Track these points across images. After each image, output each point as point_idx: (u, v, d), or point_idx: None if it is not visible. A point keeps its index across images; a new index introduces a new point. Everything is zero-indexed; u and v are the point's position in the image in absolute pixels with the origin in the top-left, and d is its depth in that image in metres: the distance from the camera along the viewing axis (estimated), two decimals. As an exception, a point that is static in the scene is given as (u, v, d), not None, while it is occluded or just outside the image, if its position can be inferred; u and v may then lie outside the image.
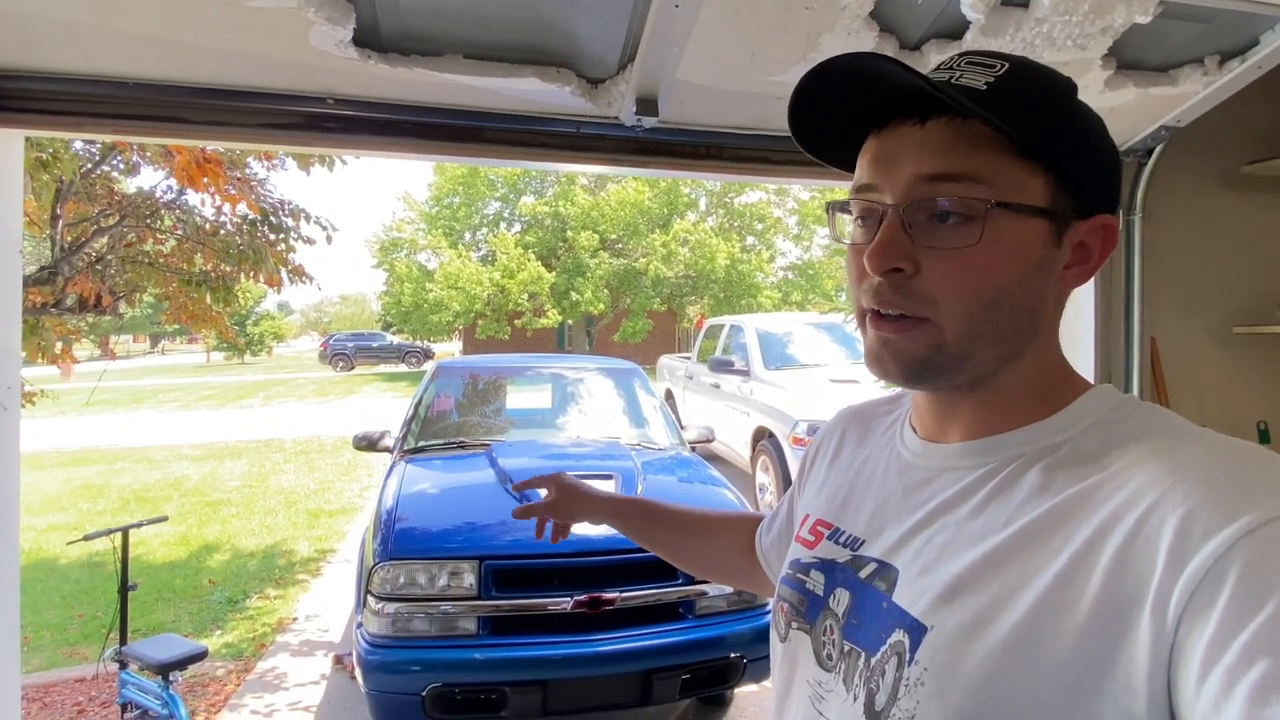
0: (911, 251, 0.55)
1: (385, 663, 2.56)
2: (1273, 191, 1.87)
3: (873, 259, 0.55)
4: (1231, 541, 0.42)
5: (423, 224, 24.66)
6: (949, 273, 0.54)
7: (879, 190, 0.57)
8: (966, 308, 0.54)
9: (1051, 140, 0.55)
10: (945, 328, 0.55)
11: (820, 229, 24.01)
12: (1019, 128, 0.52)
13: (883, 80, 0.54)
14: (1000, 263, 0.54)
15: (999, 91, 0.54)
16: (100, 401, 16.86)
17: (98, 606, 4.66)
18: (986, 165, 0.53)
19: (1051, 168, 0.55)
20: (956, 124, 0.54)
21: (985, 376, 0.58)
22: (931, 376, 0.58)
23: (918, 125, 0.56)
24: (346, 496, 7.61)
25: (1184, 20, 1.29)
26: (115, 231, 3.89)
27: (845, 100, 0.58)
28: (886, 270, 0.55)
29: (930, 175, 0.54)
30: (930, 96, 0.53)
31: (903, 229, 0.55)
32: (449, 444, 3.88)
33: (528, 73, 1.31)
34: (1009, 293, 0.55)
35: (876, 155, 0.58)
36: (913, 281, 0.55)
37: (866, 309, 0.58)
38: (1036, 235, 0.55)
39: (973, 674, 0.49)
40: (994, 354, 0.56)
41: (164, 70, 1.27)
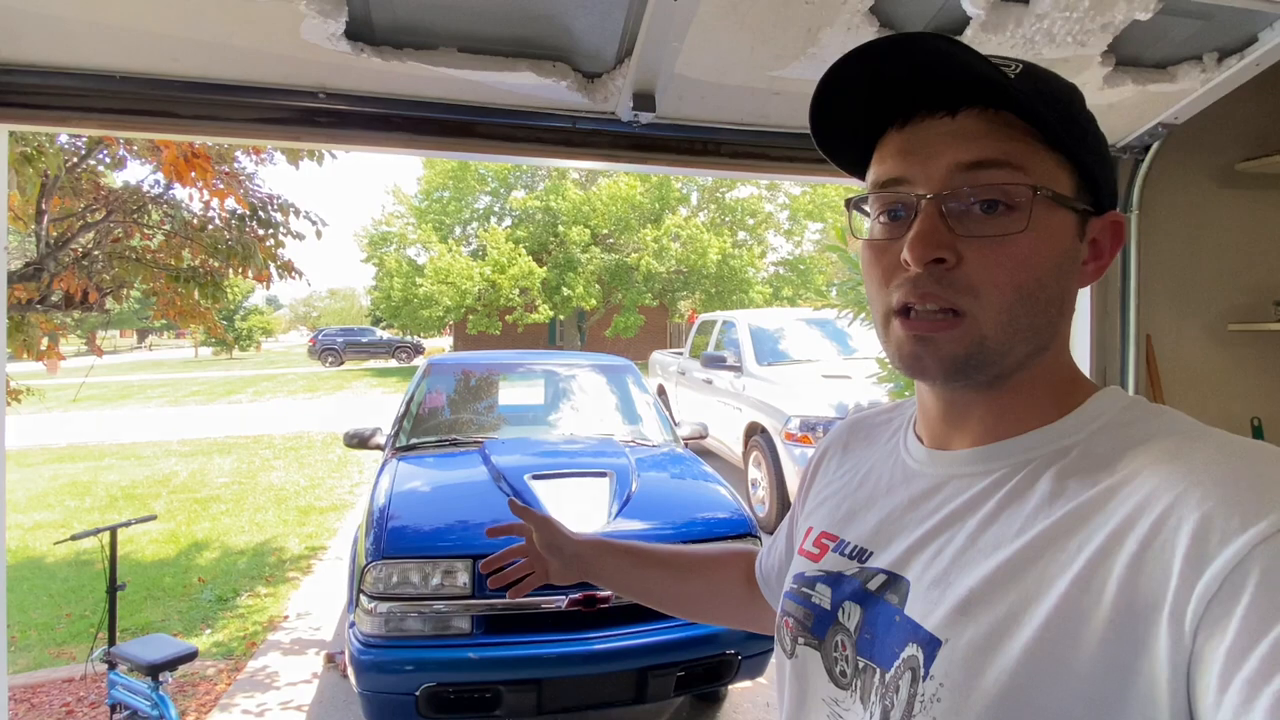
0: (952, 241, 0.54)
1: (378, 662, 2.55)
2: (1268, 188, 1.87)
3: (915, 249, 0.53)
4: (1249, 547, 0.41)
5: (412, 218, 24.53)
6: (994, 262, 0.53)
7: (910, 182, 0.56)
8: (1007, 298, 0.53)
9: (1078, 136, 0.55)
10: (984, 321, 0.54)
11: (812, 224, 24.07)
12: (1053, 119, 0.52)
13: (952, 65, 0.52)
14: (1042, 252, 0.54)
15: (1024, 87, 0.53)
16: (87, 398, 16.71)
17: (86, 606, 4.61)
18: (1023, 153, 0.53)
19: (1077, 163, 0.55)
20: (990, 114, 0.54)
21: (1011, 372, 0.57)
22: (971, 373, 0.56)
23: (948, 117, 0.55)
24: (337, 493, 7.57)
25: (1184, 17, 1.29)
26: (102, 227, 3.85)
27: (879, 87, 0.56)
28: (929, 261, 0.53)
29: (971, 163, 0.53)
30: (962, 87, 0.53)
31: (941, 218, 0.54)
32: (441, 441, 3.86)
33: (523, 66, 1.29)
34: (1045, 284, 0.54)
35: (904, 148, 0.57)
36: (954, 273, 0.54)
37: (897, 306, 0.56)
38: (1069, 227, 0.55)
39: (990, 689, 0.48)
40: (1027, 348, 0.56)
41: (152, 64, 1.25)
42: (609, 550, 1.01)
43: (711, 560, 1.00)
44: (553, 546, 0.99)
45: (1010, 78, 0.53)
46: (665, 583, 1.00)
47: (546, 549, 1.00)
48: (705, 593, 0.99)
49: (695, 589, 0.99)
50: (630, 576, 1.00)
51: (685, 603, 1.01)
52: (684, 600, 1.01)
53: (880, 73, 0.55)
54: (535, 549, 1.01)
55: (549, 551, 1.00)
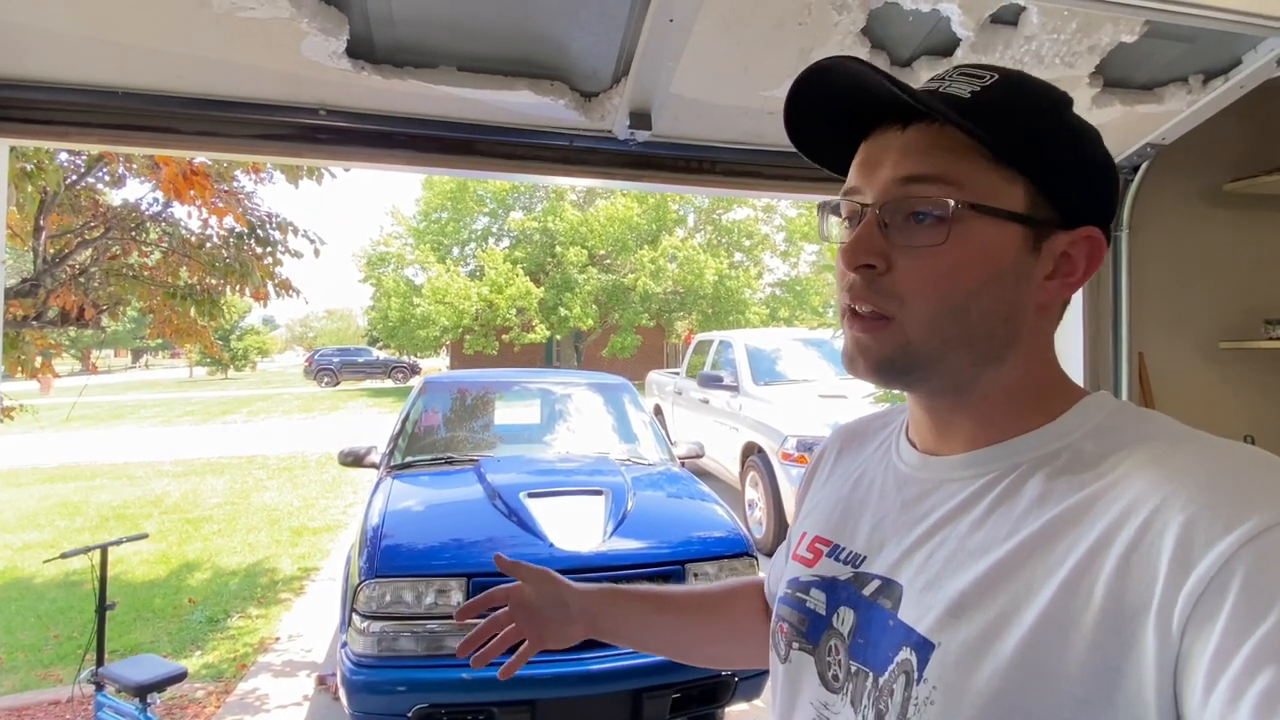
0: (885, 249, 0.56)
1: (371, 683, 2.51)
2: (1255, 209, 1.90)
3: (845, 254, 0.57)
4: (1233, 550, 0.42)
5: (410, 239, 24.62)
6: (917, 271, 0.55)
7: (861, 192, 0.59)
8: (931, 308, 0.55)
9: (1032, 149, 0.55)
10: (909, 327, 0.56)
11: (808, 245, 24.22)
12: (995, 135, 0.53)
13: (859, 84, 0.56)
14: (968, 265, 0.55)
15: (982, 101, 0.55)
16: (80, 417, 16.61)
17: (74, 626, 4.55)
18: (960, 169, 0.55)
19: (1032, 176, 0.55)
20: (935, 129, 0.56)
21: (965, 383, 0.58)
22: (900, 376, 0.59)
23: (899, 130, 0.57)
24: (331, 513, 7.51)
25: (1169, 40, 1.32)
26: (99, 244, 3.85)
27: (836, 107, 0.60)
28: (859, 266, 0.57)
29: (905, 177, 0.56)
30: (910, 104, 0.55)
31: (878, 227, 0.57)
32: (436, 459, 3.84)
33: (521, 85, 1.31)
34: (977, 296, 0.55)
35: (862, 159, 0.60)
36: (884, 279, 0.56)
37: (845, 307, 0.60)
38: (1009, 241, 0.55)
39: (982, 691, 0.48)
40: (966, 359, 0.57)
41: (154, 80, 1.26)
42: (620, 598, 0.91)
43: (730, 596, 0.92)
44: (555, 602, 0.88)
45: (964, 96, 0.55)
46: (690, 627, 0.91)
47: (548, 606, 0.88)
48: (729, 632, 0.90)
49: (720, 630, 0.91)
50: (649, 624, 0.90)
51: (711, 646, 0.93)
52: (710, 644, 0.92)
53: (825, 96, 0.59)
54: (527, 608, 0.89)
55: (550, 609, 0.88)
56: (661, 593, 0.94)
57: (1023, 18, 1.25)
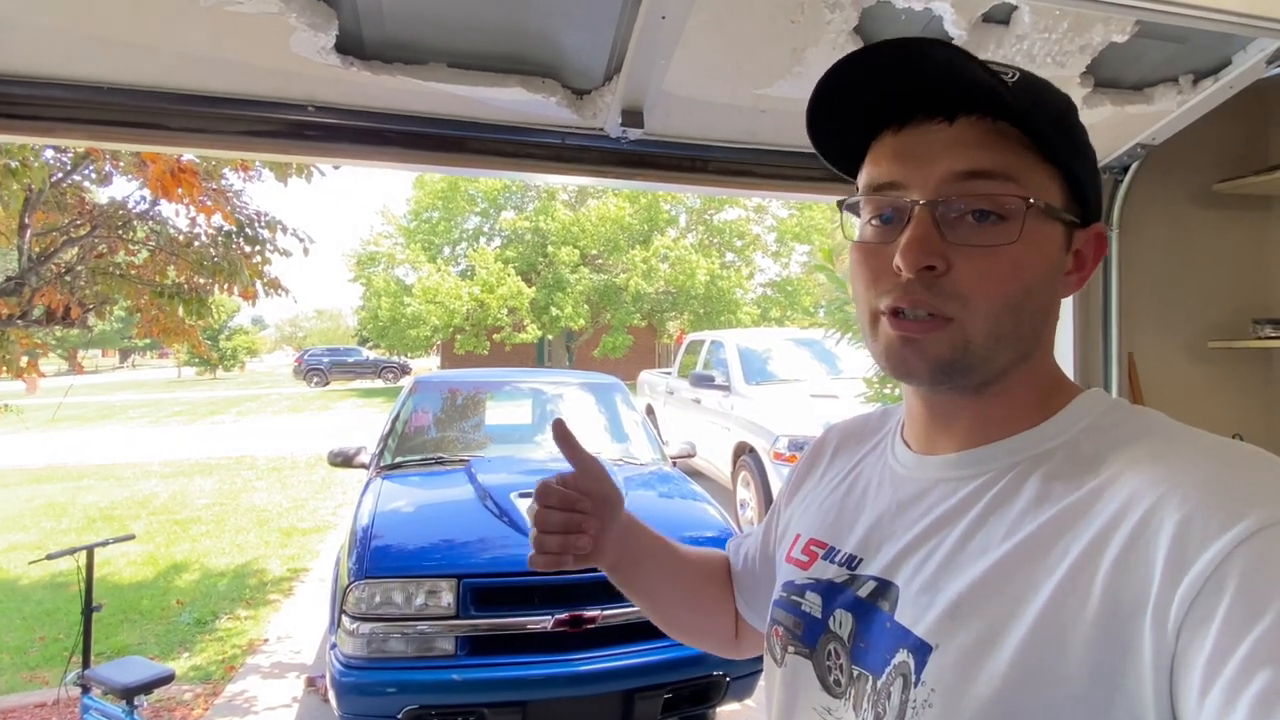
0: (943, 249, 0.54)
1: (360, 684, 2.50)
2: (1244, 209, 1.91)
3: (907, 255, 0.53)
4: (1229, 549, 0.41)
5: (401, 238, 24.51)
6: (983, 271, 0.53)
7: (905, 187, 0.55)
8: (994, 307, 0.54)
9: (1070, 148, 0.55)
10: (970, 327, 0.54)
11: (799, 246, 24.26)
12: (1048, 130, 0.53)
13: (950, 73, 0.52)
14: (1031, 263, 0.54)
15: (1020, 97, 0.53)
16: (67, 417, 16.45)
17: (60, 628, 4.50)
18: (1017, 165, 0.54)
19: (1067, 175, 0.56)
20: (986, 123, 0.54)
21: (995, 378, 0.57)
22: (956, 377, 0.56)
23: (945, 123, 0.55)
24: (320, 514, 7.47)
25: (1160, 40, 1.32)
26: (85, 242, 3.81)
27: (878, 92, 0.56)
28: (920, 268, 0.53)
29: (965, 172, 0.54)
30: (962, 94, 0.53)
31: (934, 226, 0.54)
32: (427, 460, 3.82)
33: (512, 82, 1.29)
34: (1032, 294, 0.55)
35: (899, 152, 0.56)
36: (943, 280, 0.54)
37: (886, 309, 0.56)
38: (1057, 239, 0.56)
39: (981, 694, 0.48)
40: (1011, 355, 0.56)
41: (140, 75, 1.24)
42: (648, 534, 0.83)
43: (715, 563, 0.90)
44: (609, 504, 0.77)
45: (1009, 87, 0.53)
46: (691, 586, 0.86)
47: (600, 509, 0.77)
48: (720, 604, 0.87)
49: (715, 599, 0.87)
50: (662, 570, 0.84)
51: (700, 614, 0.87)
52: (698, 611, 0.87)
53: (881, 77, 0.56)
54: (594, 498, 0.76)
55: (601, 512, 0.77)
56: (671, 547, 0.87)
57: (1014, 17, 1.25)
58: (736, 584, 0.88)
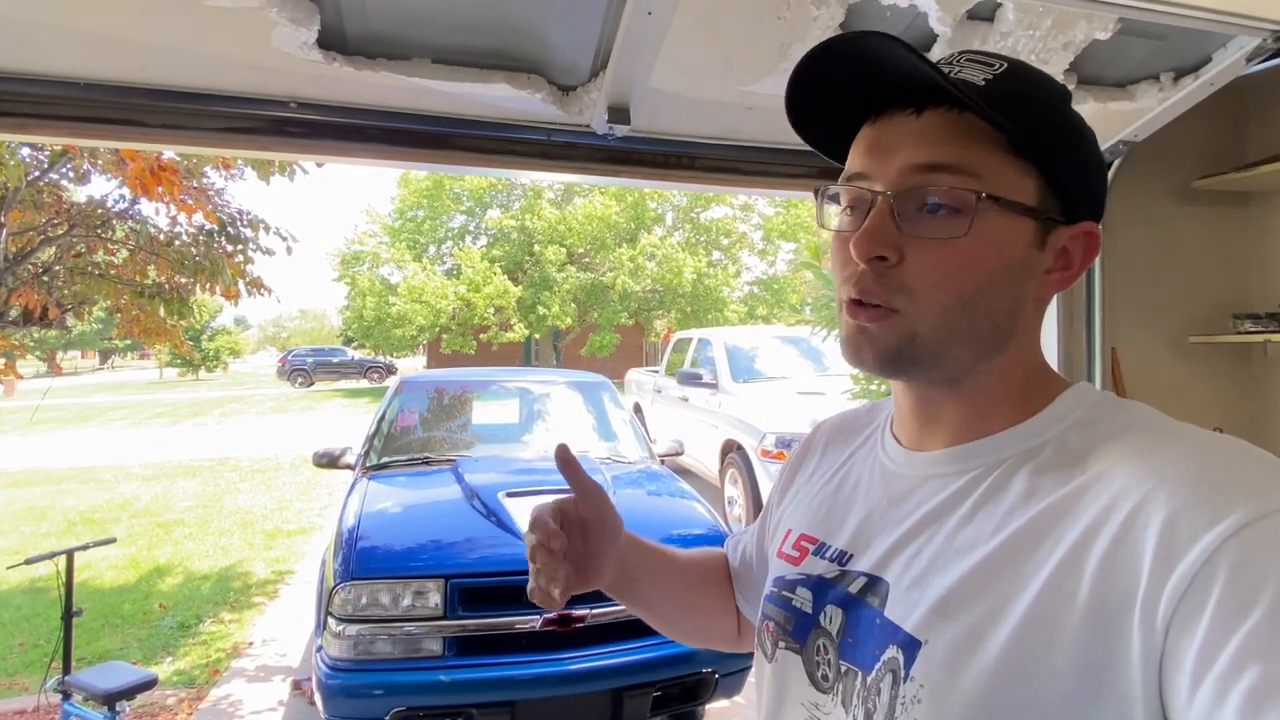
0: (897, 240, 0.54)
1: (347, 687, 2.48)
2: (1223, 205, 1.93)
3: (858, 245, 0.55)
4: (1217, 544, 0.41)
5: (386, 237, 24.34)
6: (931, 264, 0.54)
7: (870, 178, 0.56)
8: (942, 300, 0.54)
9: (1044, 142, 0.54)
10: (917, 320, 0.54)
11: (785, 244, 24.34)
12: (1015, 125, 0.52)
13: (888, 64, 0.53)
14: (984, 258, 0.54)
15: (997, 89, 0.53)
16: (46, 420, 16.21)
17: (40, 634, 4.44)
18: (980, 159, 0.53)
19: (1042, 169, 0.55)
20: (953, 116, 0.54)
21: (962, 375, 0.57)
22: (906, 367, 0.57)
23: (914, 115, 0.55)
24: (305, 516, 7.41)
25: (1141, 37, 1.33)
26: (63, 241, 3.75)
27: (846, 84, 0.57)
28: (871, 258, 0.54)
29: (923, 165, 0.54)
30: (929, 86, 0.53)
31: (891, 217, 0.54)
32: (413, 460, 3.80)
33: (497, 78, 1.28)
34: (987, 290, 0.54)
35: (870, 143, 0.57)
36: (894, 271, 0.54)
37: (846, 298, 0.57)
38: (1022, 235, 0.55)
39: (970, 690, 0.48)
40: (970, 351, 0.56)
41: (117, 71, 1.22)
42: (643, 548, 0.82)
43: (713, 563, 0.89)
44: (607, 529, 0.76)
45: (979, 83, 0.53)
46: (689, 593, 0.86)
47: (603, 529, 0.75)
48: (719, 605, 0.87)
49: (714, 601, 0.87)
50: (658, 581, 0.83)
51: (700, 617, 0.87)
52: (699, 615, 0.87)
53: (840, 71, 0.56)
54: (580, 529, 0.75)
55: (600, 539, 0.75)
56: (674, 559, 0.86)
57: (999, 14, 1.25)
58: (736, 581, 0.88)
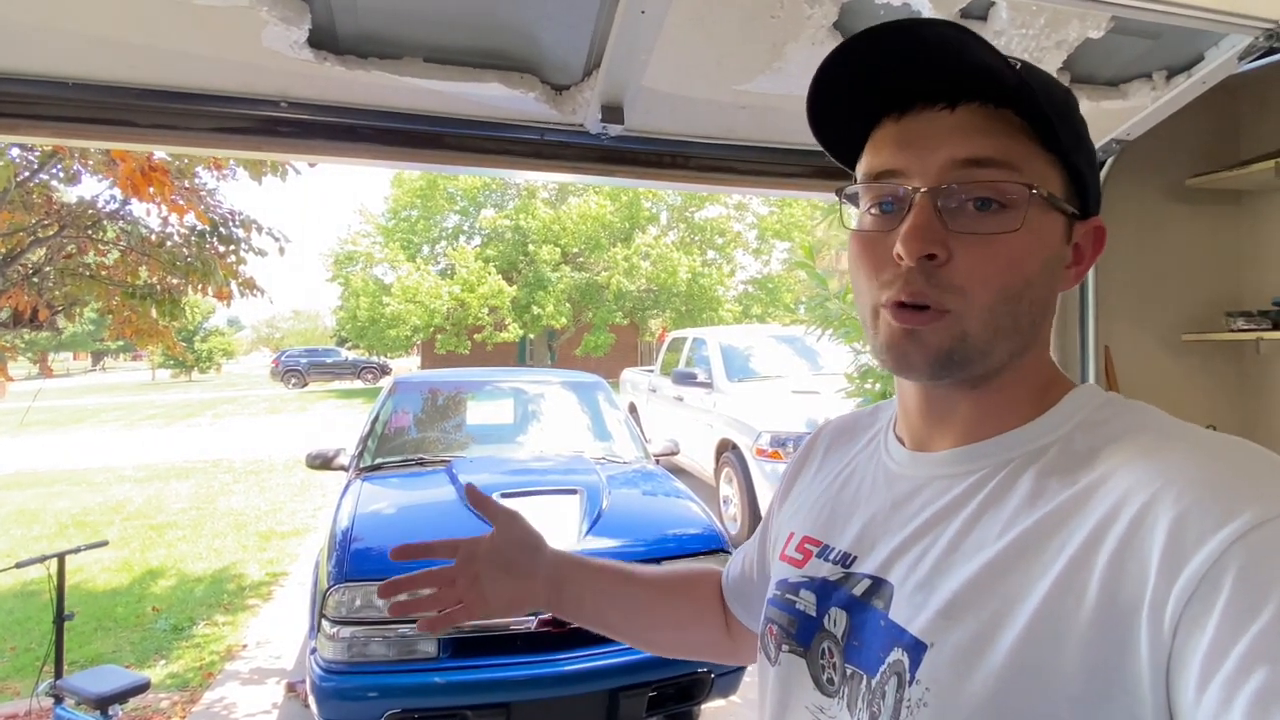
0: (945, 238, 0.53)
1: (341, 689, 2.46)
2: (1216, 203, 1.94)
3: (908, 243, 0.52)
4: (1225, 546, 0.41)
5: (379, 237, 24.27)
6: (984, 260, 0.53)
7: (905, 174, 0.55)
8: (993, 297, 0.53)
9: (1072, 138, 0.55)
10: (968, 318, 0.53)
11: (780, 243, 24.37)
12: (1049, 120, 0.52)
13: (951, 50, 0.51)
14: (1033, 253, 0.53)
15: (1029, 84, 0.52)
16: (37, 422, 16.11)
17: (32, 638, 4.41)
18: (1019, 153, 0.53)
19: (1068, 166, 0.55)
20: (988, 111, 0.53)
21: (994, 372, 0.57)
22: (955, 370, 0.55)
23: (947, 110, 0.54)
24: (299, 517, 7.38)
25: (1134, 36, 1.33)
26: (54, 242, 3.72)
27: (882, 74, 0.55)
28: (921, 256, 0.53)
29: (968, 160, 0.53)
30: (961, 80, 0.52)
31: (936, 214, 0.53)
32: (407, 461, 3.79)
33: (490, 78, 1.28)
34: (1032, 285, 0.54)
35: (900, 139, 0.56)
36: (943, 269, 0.53)
37: (886, 301, 0.55)
38: (1058, 229, 0.55)
39: (976, 693, 0.47)
40: (1008, 349, 0.55)
41: (106, 71, 1.21)
42: (588, 567, 0.86)
43: (691, 582, 0.91)
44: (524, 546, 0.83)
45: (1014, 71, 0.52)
46: (652, 609, 0.87)
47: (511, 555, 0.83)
48: (691, 617, 0.88)
49: (682, 615, 0.88)
50: (614, 599, 0.86)
51: (668, 631, 0.89)
52: (667, 628, 0.89)
53: (889, 55, 0.54)
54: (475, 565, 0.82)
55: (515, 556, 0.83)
56: (627, 569, 0.89)
57: (992, 12, 1.25)
58: (735, 592, 0.87)
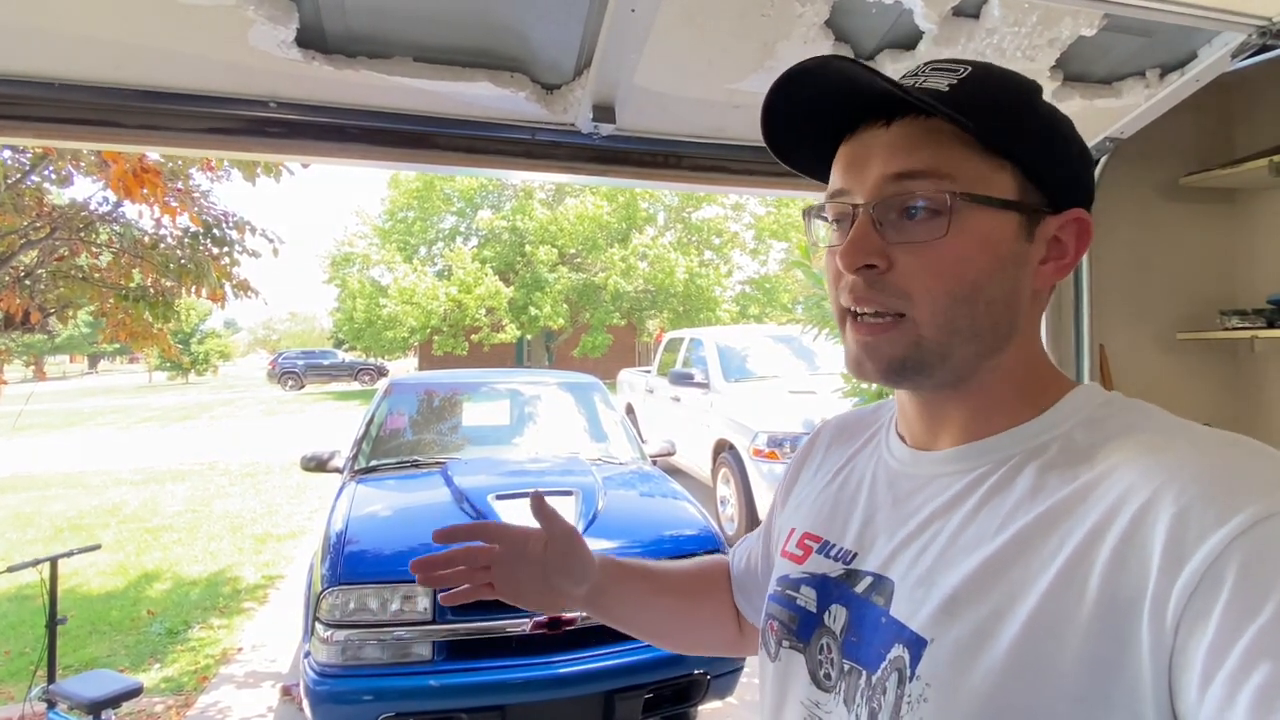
0: (883, 248, 0.55)
1: (335, 693, 2.45)
2: (1210, 202, 1.94)
3: (845, 257, 0.56)
4: (1227, 542, 0.41)
5: (376, 238, 24.24)
6: (921, 266, 0.54)
7: (850, 193, 0.58)
8: (940, 301, 0.54)
9: (1015, 136, 0.55)
10: (921, 322, 0.55)
11: (776, 243, 24.39)
12: (980, 123, 0.53)
13: (848, 83, 0.55)
14: (970, 255, 0.54)
15: (961, 91, 0.55)
16: (33, 424, 16.05)
17: (26, 642, 4.39)
18: (951, 161, 0.54)
19: (1018, 163, 0.56)
20: (921, 123, 0.55)
21: (966, 375, 0.57)
22: (911, 375, 0.57)
23: (884, 127, 0.57)
24: (295, 520, 7.36)
25: (1127, 34, 1.33)
26: (45, 245, 3.70)
27: (816, 109, 0.59)
28: (859, 267, 0.55)
29: (897, 173, 0.55)
30: (896, 99, 0.54)
31: (873, 226, 0.56)
32: (402, 463, 3.77)
33: (480, 77, 1.27)
34: (982, 287, 0.55)
35: (848, 160, 0.59)
36: (886, 278, 0.55)
37: (845, 310, 0.58)
38: (1006, 228, 0.56)
39: (977, 688, 0.48)
40: (972, 350, 0.56)
41: (93, 71, 1.20)
42: (626, 574, 0.85)
43: (710, 578, 0.91)
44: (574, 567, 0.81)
45: (943, 89, 0.55)
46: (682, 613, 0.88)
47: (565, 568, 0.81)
48: (710, 618, 0.88)
49: (706, 615, 0.88)
50: (646, 606, 0.86)
51: (695, 633, 0.90)
52: (690, 630, 0.90)
53: (807, 97, 0.58)
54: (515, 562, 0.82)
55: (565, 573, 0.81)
56: (659, 576, 0.89)
57: (984, 10, 1.25)
58: (739, 587, 0.88)
